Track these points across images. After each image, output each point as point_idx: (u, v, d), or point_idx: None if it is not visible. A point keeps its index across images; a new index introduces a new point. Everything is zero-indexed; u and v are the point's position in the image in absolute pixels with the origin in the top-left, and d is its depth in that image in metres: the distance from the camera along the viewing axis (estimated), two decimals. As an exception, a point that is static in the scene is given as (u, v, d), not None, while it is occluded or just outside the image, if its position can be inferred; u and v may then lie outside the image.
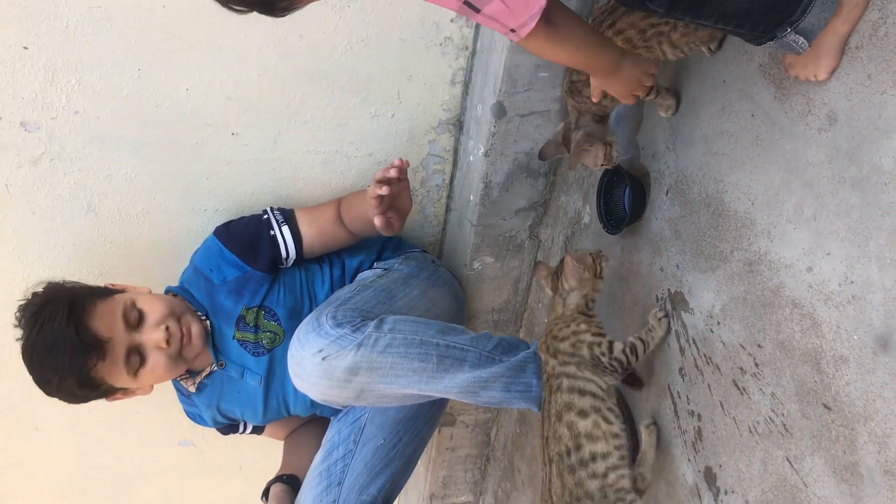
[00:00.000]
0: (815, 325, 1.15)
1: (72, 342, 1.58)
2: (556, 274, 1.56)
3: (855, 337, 1.08)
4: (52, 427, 2.33)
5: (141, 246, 1.99)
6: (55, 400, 1.69)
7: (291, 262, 1.88)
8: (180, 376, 1.87)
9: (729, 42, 1.32)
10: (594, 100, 1.36)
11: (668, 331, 1.53)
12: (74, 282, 1.74)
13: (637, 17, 1.26)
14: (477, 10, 1.00)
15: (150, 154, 1.87)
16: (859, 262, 1.07)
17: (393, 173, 1.61)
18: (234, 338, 1.84)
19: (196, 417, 1.99)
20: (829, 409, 1.13)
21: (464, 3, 0.97)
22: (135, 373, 1.69)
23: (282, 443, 2.18)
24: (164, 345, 1.69)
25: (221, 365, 1.85)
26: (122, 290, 1.77)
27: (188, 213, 1.99)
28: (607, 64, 1.21)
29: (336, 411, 1.97)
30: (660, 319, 1.52)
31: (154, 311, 1.72)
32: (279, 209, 1.89)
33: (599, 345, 1.46)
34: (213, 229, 1.94)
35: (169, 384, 1.95)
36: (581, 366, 1.45)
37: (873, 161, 1.04)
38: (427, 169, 2.12)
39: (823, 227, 1.13)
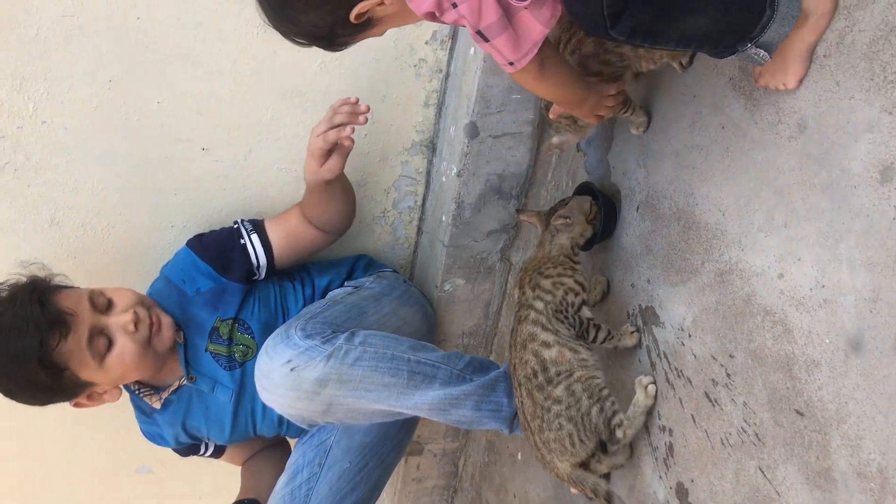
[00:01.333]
0: (786, 332, 1.16)
1: (34, 318, 1.52)
2: (551, 212, 1.58)
3: (827, 340, 1.09)
4: (1, 452, 2.24)
5: (105, 262, 1.95)
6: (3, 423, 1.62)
7: (264, 271, 1.84)
8: (143, 391, 1.81)
9: (699, 58, 1.34)
10: (552, 117, 1.44)
11: (638, 344, 1.52)
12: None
13: None
14: (486, 40, 1.05)
15: (117, 168, 1.84)
16: (830, 266, 1.08)
17: (362, 120, 1.64)
18: (206, 350, 1.79)
19: (156, 437, 1.92)
20: (801, 415, 1.13)
21: (476, 32, 1.03)
22: (101, 358, 1.61)
23: (239, 469, 2.12)
24: (131, 328, 1.63)
25: (192, 379, 1.79)
26: None
27: (155, 230, 1.96)
28: (577, 98, 1.30)
29: (302, 432, 1.93)
30: (631, 333, 1.52)
31: (122, 298, 1.69)
32: (249, 220, 1.87)
33: (576, 294, 1.48)
34: (179, 246, 1.91)
35: (129, 406, 1.89)
36: (548, 306, 1.46)
37: (843, 165, 1.06)
38: (399, 190, 2.11)
39: (794, 234, 1.14)
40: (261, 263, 1.81)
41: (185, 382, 1.80)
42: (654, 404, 1.48)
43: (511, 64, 1.10)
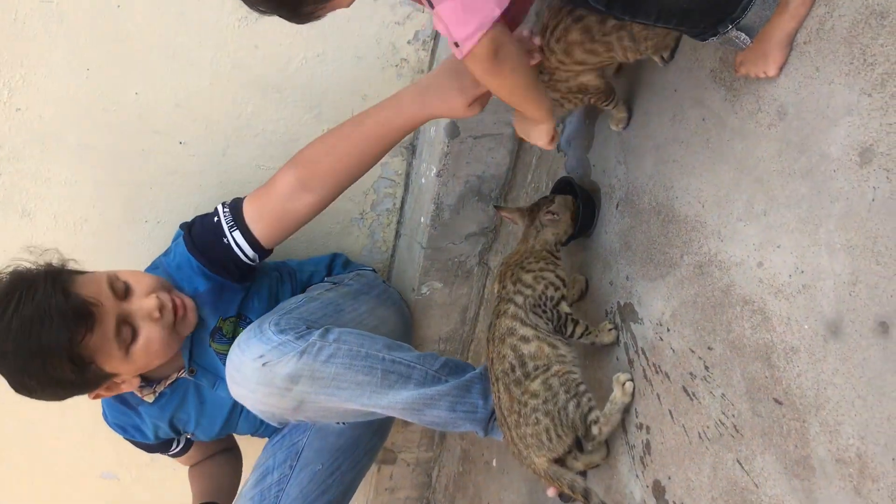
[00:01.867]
0: (765, 320, 1.15)
1: (59, 309, 1.42)
2: (536, 207, 1.57)
3: (806, 326, 1.08)
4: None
5: (77, 256, 1.86)
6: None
7: (257, 261, 1.71)
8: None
9: (681, 52, 1.35)
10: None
11: (616, 341, 1.51)
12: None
13: None
14: (432, 6, 1.00)
15: (92, 159, 1.81)
16: (809, 251, 1.07)
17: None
18: (209, 346, 1.74)
19: (129, 429, 1.83)
20: (780, 403, 1.12)
21: None
22: (126, 349, 1.54)
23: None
24: (157, 314, 1.56)
25: (192, 372, 1.73)
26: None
27: (128, 224, 1.93)
28: (534, 115, 1.30)
29: (276, 434, 1.89)
30: (609, 330, 1.51)
31: (141, 282, 1.61)
32: (230, 207, 1.68)
33: (556, 289, 1.46)
34: (153, 241, 1.88)
35: (94, 408, 1.83)
36: (527, 300, 1.45)
37: (822, 150, 1.06)
38: (378, 192, 2.10)
39: (774, 221, 1.14)
40: (252, 257, 1.69)
41: (184, 374, 1.74)
42: (632, 402, 1.46)
43: (457, 45, 1.03)
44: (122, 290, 1.57)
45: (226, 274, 1.71)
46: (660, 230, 1.40)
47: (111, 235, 1.92)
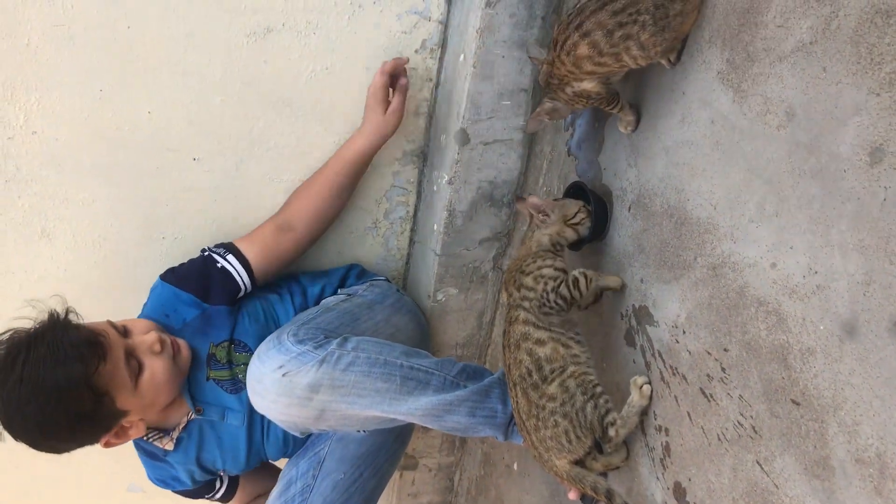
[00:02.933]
0: (780, 321, 1.15)
1: (72, 342, 1.49)
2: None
3: (821, 327, 1.08)
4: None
5: (96, 274, 1.94)
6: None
7: (249, 287, 1.82)
8: (152, 436, 1.78)
9: (687, 53, 1.35)
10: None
11: (622, 285, 1.55)
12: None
13: (605, 15, 1.26)
14: None
15: (108, 178, 1.84)
16: (822, 252, 1.07)
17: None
18: (208, 378, 1.77)
19: (170, 481, 1.88)
20: (797, 404, 1.12)
21: None
22: (135, 380, 1.60)
23: None
24: (157, 347, 1.64)
25: (199, 411, 1.77)
26: None
27: (146, 241, 1.95)
28: None
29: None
30: (614, 275, 1.56)
31: (137, 324, 1.70)
32: (216, 245, 1.85)
33: (554, 279, 1.48)
34: (171, 257, 1.91)
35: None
36: (532, 303, 1.46)
37: (832, 150, 1.06)
38: (391, 201, 2.11)
39: (786, 222, 1.14)
40: (245, 281, 1.80)
41: (193, 416, 1.77)
42: (650, 405, 1.47)
43: None
44: (122, 331, 1.65)
45: (214, 298, 1.79)
46: (672, 233, 1.41)
47: (129, 253, 1.94)
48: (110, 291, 1.95)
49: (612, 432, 1.41)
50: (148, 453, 1.84)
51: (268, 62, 1.81)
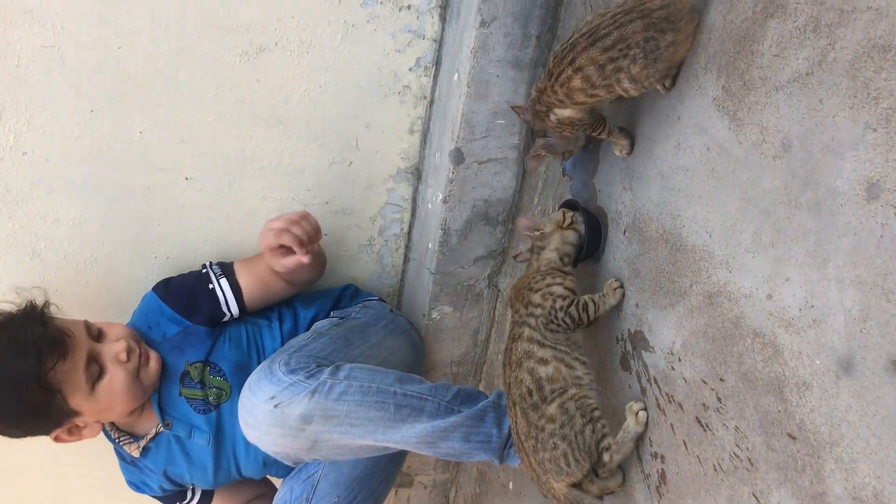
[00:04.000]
0: (776, 353, 1.14)
1: (34, 338, 1.52)
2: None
3: (817, 362, 1.07)
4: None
5: (88, 294, 1.92)
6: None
7: (235, 313, 1.83)
8: (122, 439, 1.78)
9: (682, 79, 1.34)
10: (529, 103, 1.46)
11: (622, 299, 1.53)
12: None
13: (596, 51, 1.27)
14: None
15: (99, 198, 1.82)
16: (819, 286, 1.06)
17: (310, 251, 1.74)
18: (180, 395, 1.76)
19: (140, 485, 1.88)
20: (794, 438, 1.11)
21: None
22: (92, 385, 1.60)
23: None
24: (123, 356, 1.64)
25: (168, 425, 1.77)
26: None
27: (138, 261, 1.94)
28: None
29: (289, 470, 1.89)
30: (614, 290, 1.52)
31: (113, 329, 1.70)
32: (218, 263, 1.86)
33: (564, 298, 1.47)
34: (162, 276, 1.89)
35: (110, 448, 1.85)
36: (538, 320, 1.45)
37: (828, 183, 1.04)
38: (385, 218, 2.10)
39: (782, 254, 1.13)
40: (231, 307, 1.81)
41: (161, 429, 1.77)
42: (645, 431, 1.45)
43: None
44: (95, 333, 1.66)
45: (194, 318, 1.80)
46: (668, 258, 1.39)
47: (121, 272, 1.93)
48: (102, 310, 1.93)
49: (606, 457, 1.40)
50: (120, 455, 1.86)
51: (260, 80, 1.79)
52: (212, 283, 1.79)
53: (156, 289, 1.83)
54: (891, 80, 0.95)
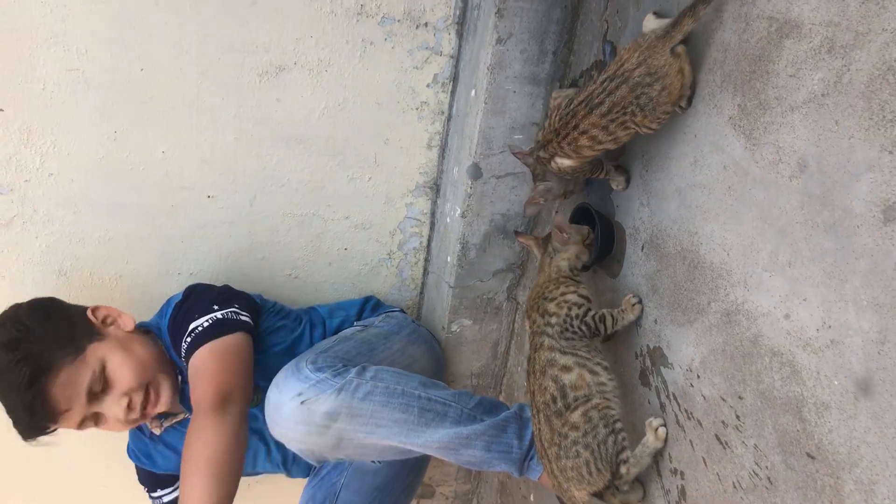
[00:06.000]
0: (794, 373, 1.14)
1: (25, 406, 1.53)
2: (548, 237, 1.60)
3: (836, 382, 1.07)
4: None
5: (113, 311, 1.96)
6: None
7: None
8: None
9: (699, 97, 1.34)
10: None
11: (641, 314, 1.54)
12: (55, 304, 1.67)
13: (596, 117, 1.32)
14: None
15: (124, 217, 1.85)
16: (836, 306, 1.06)
17: None
18: None
19: (142, 456, 1.89)
20: (812, 458, 1.11)
21: None
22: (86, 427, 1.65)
23: None
24: (121, 417, 1.63)
25: None
26: (103, 319, 1.70)
27: (162, 278, 1.96)
28: None
29: (305, 472, 1.91)
30: (633, 305, 1.53)
31: (122, 381, 1.63)
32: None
33: (580, 307, 1.48)
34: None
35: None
36: (555, 328, 1.47)
37: (845, 204, 1.05)
38: (404, 232, 2.12)
39: (799, 274, 1.13)
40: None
41: (188, 415, 1.79)
42: (664, 447, 1.46)
43: None
44: (99, 390, 1.61)
45: None
46: (686, 275, 1.40)
47: (145, 290, 1.96)
48: (127, 328, 1.97)
49: (623, 470, 1.41)
50: (137, 427, 1.85)
51: (280, 100, 1.82)
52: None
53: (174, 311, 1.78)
54: (906, 103, 0.95)
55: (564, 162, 1.44)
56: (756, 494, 1.23)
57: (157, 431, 1.82)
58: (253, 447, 1.85)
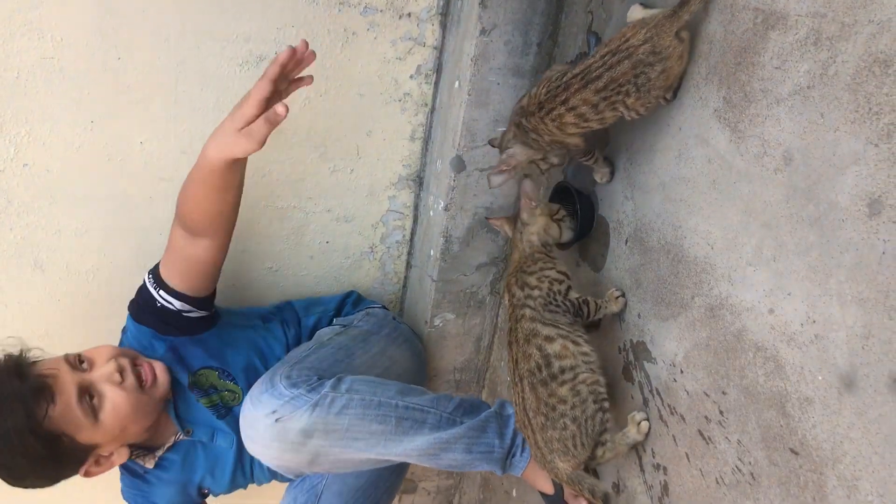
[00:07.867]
0: (778, 368, 1.13)
1: (14, 392, 1.46)
2: (517, 216, 1.59)
3: (819, 377, 1.06)
4: None
5: (89, 304, 1.92)
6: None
7: (205, 311, 1.76)
8: (136, 453, 1.74)
9: (684, 89, 1.33)
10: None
11: (624, 308, 1.54)
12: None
13: (589, 93, 1.30)
14: None
15: (101, 209, 1.82)
16: (820, 301, 1.05)
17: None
18: (197, 401, 1.74)
19: (136, 495, 1.81)
20: (796, 453, 1.10)
21: None
22: (95, 416, 1.54)
23: None
24: (116, 377, 1.57)
25: (189, 432, 1.75)
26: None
27: (140, 270, 1.91)
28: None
29: (270, 475, 1.89)
30: (616, 298, 1.53)
31: (100, 353, 1.62)
32: (151, 273, 1.73)
33: (561, 282, 1.48)
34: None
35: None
36: (537, 300, 1.46)
37: (830, 198, 1.03)
38: (387, 225, 2.09)
39: (783, 268, 1.12)
40: (184, 309, 1.72)
41: (181, 437, 1.75)
42: (647, 441, 1.45)
43: None
44: (76, 362, 1.58)
45: (176, 330, 1.74)
46: (670, 269, 1.39)
47: (123, 282, 1.92)
48: (104, 321, 1.92)
49: (599, 452, 1.41)
50: (126, 469, 1.79)
51: (261, 90, 1.78)
52: (158, 300, 1.71)
53: (131, 313, 1.77)
54: (892, 95, 0.94)
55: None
56: (739, 490, 1.22)
57: (149, 465, 1.76)
58: (230, 469, 1.82)
